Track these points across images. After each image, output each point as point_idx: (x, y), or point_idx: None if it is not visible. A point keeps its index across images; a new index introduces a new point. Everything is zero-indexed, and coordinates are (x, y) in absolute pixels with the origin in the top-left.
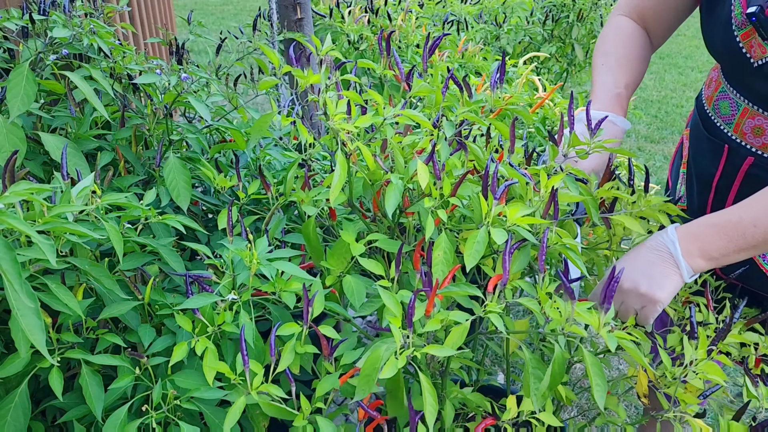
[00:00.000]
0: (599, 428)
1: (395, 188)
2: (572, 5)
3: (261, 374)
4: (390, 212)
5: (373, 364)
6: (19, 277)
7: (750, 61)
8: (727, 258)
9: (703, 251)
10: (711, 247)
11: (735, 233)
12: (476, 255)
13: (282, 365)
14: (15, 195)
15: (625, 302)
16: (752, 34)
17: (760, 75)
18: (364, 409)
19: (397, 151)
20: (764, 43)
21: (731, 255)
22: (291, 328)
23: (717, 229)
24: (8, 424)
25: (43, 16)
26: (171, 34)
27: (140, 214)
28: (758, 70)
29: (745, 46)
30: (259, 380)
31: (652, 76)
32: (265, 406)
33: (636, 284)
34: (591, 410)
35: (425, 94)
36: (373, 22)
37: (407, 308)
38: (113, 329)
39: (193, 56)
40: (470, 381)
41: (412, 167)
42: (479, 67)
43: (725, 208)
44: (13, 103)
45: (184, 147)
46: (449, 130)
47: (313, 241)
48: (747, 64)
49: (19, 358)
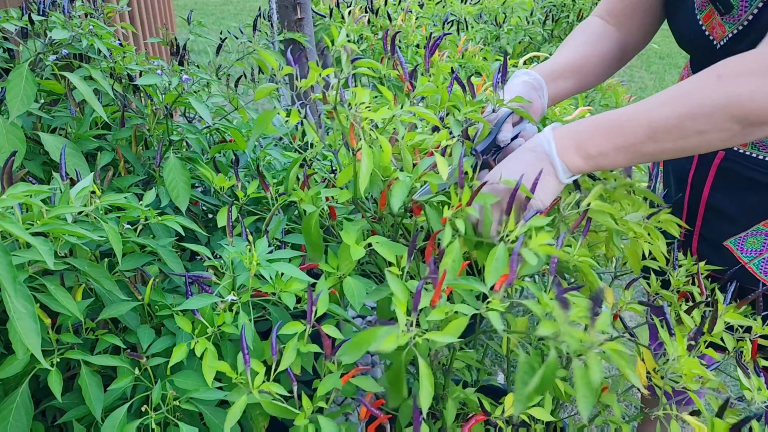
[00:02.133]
0: (599, 428)
1: (403, 184)
2: (572, 5)
3: (262, 373)
4: (396, 207)
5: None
6: (14, 281)
7: (713, 43)
8: (607, 158)
9: (579, 147)
10: (588, 143)
11: (611, 128)
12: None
13: (284, 364)
14: (12, 198)
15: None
16: (712, 14)
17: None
18: (367, 407)
19: (406, 148)
20: (723, 21)
21: (610, 154)
22: (294, 327)
23: (596, 123)
24: (11, 425)
25: (42, 17)
26: (171, 34)
27: (140, 214)
28: (721, 51)
29: (708, 28)
30: (261, 379)
31: (652, 76)
32: (266, 405)
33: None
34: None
35: (430, 93)
36: (373, 22)
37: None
38: (113, 330)
39: (193, 56)
40: (472, 381)
41: (422, 166)
42: (479, 67)
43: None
44: (12, 103)
45: (185, 147)
46: (456, 128)
47: (314, 237)
48: (711, 47)
49: (18, 360)
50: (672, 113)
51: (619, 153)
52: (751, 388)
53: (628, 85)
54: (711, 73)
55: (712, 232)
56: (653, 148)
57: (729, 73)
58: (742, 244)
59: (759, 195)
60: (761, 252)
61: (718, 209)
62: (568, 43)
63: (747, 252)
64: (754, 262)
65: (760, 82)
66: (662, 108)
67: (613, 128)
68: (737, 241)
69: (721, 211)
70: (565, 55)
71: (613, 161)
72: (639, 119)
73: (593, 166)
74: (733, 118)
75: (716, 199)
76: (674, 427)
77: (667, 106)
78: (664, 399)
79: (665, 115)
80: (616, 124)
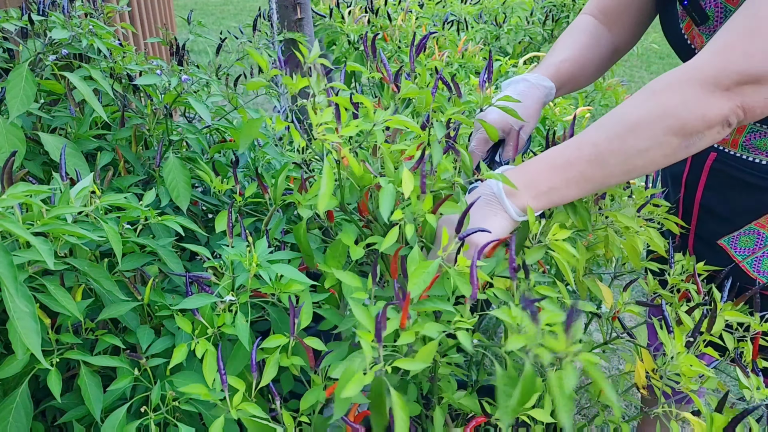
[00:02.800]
0: (599, 428)
1: (388, 193)
2: (572, 5)
3: (242, 390)
4: (385, 217)
5: (347, 380)
6: (15, 280)
7: (695, 52)
8: (558, 192)
9: (529, 186)
10: (538, 180)
11: (558, 161)
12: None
13: (264, 380)
14: (12, 198)
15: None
16: (691, 25)
17: None
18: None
19: (387, 156)
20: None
21: (561, 188)
22: (276, 340)
23: (543, 160)
24: (11, 425)
25: (42, 17)
26: (171, 34)
27: (139, 214)
28: None
29: (689, 37)
30: (240, 397)
31: (652, 76)
32: (248, 424)
33: (474, 239)
34: (591, 408)
35: (414, 95)
36: (373, 22)
37: (376, 322)
38: (112, 330)
39: (193, 56)
40: (471, 381)
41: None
42: (479, 67)
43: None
44: (12, 103)
45: (184, 147)
46: (440, 131)
47: (304, 244)
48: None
49: (18, 360)
50: (614, 133)
51: (570, 185)
52: (750, 387)
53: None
54: (647, 90)
55: (706, 232)
56: (601, 174)
57: (662, 87)
58: (735, 243)
59: (750, 195)
60: (754, 251)
61: (711, 209)
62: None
63: (740, 251)
64: (748, 260)
65: (691, 91)
66: (603, 130)
67: (560, 161)
68: (731, 240)
69: (714, 210)
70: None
71: (564, 195)
72: (583, 148)
73: (546, 203)
74: (671, 130)
75: (709, 200)
76: (674, 427)
77: (609, 128)
78: (663, 398)
79: (607, 137)
80: (563, 157)
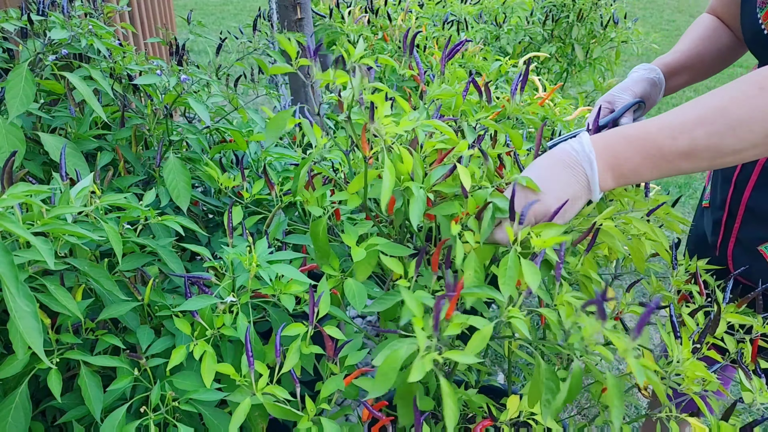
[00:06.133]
0: (599, 428)
1: (419, 200)
2: (572, 5)
3: (266, 375)
4: (416, 223)
5: (392, 363)
6: (17, 280)
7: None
8: (639, 177)
9: (614, 168)
10: (625, 164)
11: (650, 148)
12: (511, 282)
13: (287, 366)
14: (12, 198)
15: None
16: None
17: None
18: (369, 410)
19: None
20: None
21: (645, 174)
22: (296, 329)
23: (631, 143)
24: (9, 425)
25: (41, 17)
26: (171, 34)
27: (140, 214)
28: None
29: (766, 27)
30: (264, 381)
31: None
32: (270, 408)
33: (547, 207)
34: (591, 408)
35: (446, 97)
36: (373, 22)
37: (433, 310)
38: (112, 330)
39: (193, 56)
40: (473, 381)
41: (435, 175)
42: (479, 67)
43: (742, 202)
44: (12, 103)
45: (184, 147)
46: (470, 135)
47: (322, 242)
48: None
49: (18, 359)
50: (714, 129)
51: (654, 172)
52: (752, 390)
53: None
54: (751, 84)
55: (748, 236)
56: (688, 167)
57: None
58: None
59: None
60: None
61: (757, 211)
62: (683, 39)
63: None
64: None
65: None
66: (702, 124)
67: (653, 150)
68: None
69: (760, 213)
70: (681, 51)
71: (642, 178)
72: (678, 138)
73: (622, 183)
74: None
75: (756, 201)
76: (674, 427)
77: (709, 122)
78: (666, 401)
79: (706, 132)
80: (655, 145)
